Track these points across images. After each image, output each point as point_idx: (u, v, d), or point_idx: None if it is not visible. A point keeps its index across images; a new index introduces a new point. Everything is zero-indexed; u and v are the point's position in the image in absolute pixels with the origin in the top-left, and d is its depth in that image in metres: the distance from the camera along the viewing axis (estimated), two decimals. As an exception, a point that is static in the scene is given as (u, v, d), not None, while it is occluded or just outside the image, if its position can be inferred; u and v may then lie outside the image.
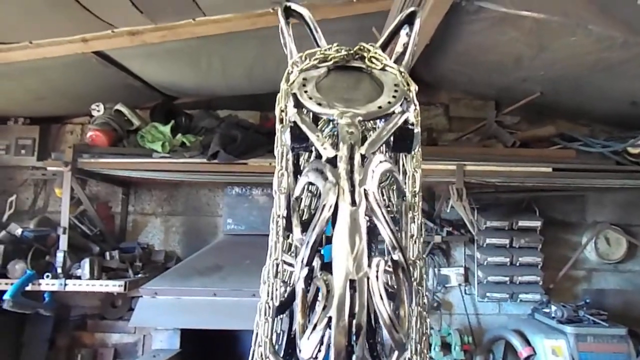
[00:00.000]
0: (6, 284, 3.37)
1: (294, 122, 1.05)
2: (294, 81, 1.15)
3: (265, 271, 1.14)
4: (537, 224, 4.03)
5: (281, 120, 1.14)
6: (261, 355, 1.25)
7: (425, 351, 1.36)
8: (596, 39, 2.89)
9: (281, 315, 1.49)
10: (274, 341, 1.29)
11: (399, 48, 1.36)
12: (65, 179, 3.53)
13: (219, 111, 4.25)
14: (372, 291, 0.66)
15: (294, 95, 1.08)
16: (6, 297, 3.24)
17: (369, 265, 0.69)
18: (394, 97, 1.08)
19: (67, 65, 3.28)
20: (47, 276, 3.39)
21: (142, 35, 3.04)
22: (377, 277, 0.68)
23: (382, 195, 1.48)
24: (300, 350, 0.73)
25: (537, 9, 2.75)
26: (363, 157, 0.87)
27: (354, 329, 0.63)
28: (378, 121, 1.12)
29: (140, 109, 4.15)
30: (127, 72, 3.61)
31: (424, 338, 1.38)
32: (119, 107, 3.75)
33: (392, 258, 0.78)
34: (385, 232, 0.78)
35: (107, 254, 3.73)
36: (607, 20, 2.74)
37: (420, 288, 1.33)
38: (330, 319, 0.64)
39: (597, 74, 3.37)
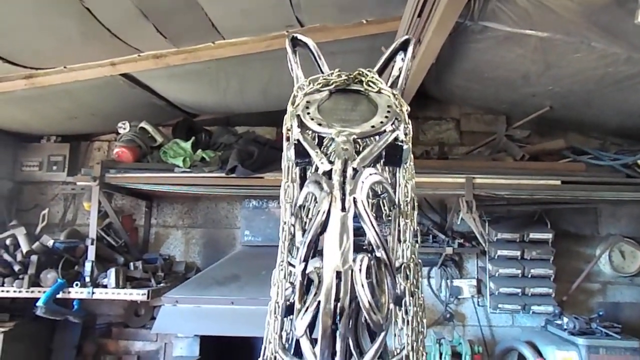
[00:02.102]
0: (39, 291, 3.59)
1: (298, 140, 1.20)
2: (298, 104, 1.31)
3: (275, 273, 1.29)
4: (549, 236, 4.07)
5: (287, 139, 1.30)
6: (271, 351, 1.39)
7: (421, 349, 1.47)
8: (600, 55, 2.97)
9: (291, 316, 1.63)
10: (283, 340, 1.42)
11: (395, 72, 1.51)
12: (94, 193, 3.76)
13: (237, 127, 4.46)
14: (355, 281, 0.79)
15: (298, 116, 1.24)
16: (39, 304, 3.46)
17: (354, 261, 0.83)
18: (386, 117, 1.22)
19: (96, 87, 3.53)
20: (77, 284, 3.59)
21: (165, 58, 3.27)
22: (360, 269, 0.81)
23: (384, 205, 1.62)
24: (295, 329, 0.87)
25: (540, 28, 2.86)
26: (355, 170, 1.02)
27: (338, 312, 0.76)
28: (372, 138, 1.26)
29: (163, 126, 4.39)
30: (151, 92, 3.86)
31: (421, 337, 1.50)
32: (143, 124, 3.99)
33: (375, 255, 0.91)
34: (370, 234, 0.92)
35: (132, 264, 3.92)
36: (609, 37, 2.83)
37: (416, 290, 1.45)
38: (319, 303, 0.78)
39: (605, 88, 3.43)
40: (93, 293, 3.58)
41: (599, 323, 3.60)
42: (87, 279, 3.63)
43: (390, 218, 1.39)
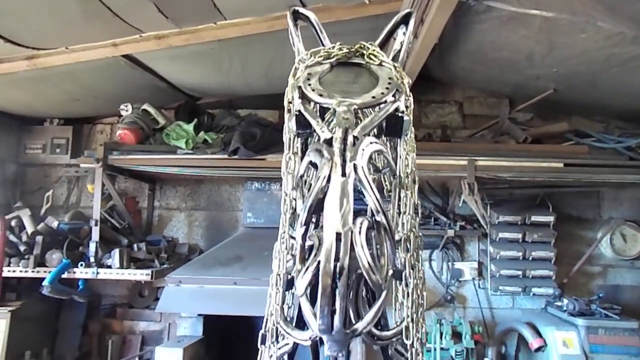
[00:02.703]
0: (45, 271, 3.64)
1: (299, 111, 1.21)
2: (300, 76, 1.31)
3: (276, 246, 1.30)
4: (550, 219, 4.08)
5: (289, 111, 1.30)
6: (273, 323, 1.41)
7: (421, 320, 1.50)
8: (606, 35, 2.94)
9: (293, 290, 1.65)
10: (285, 312, 1.45)
11: (396, 46, 1.51)
12: (97, 175, 3.78)
13: (239, 110, 4.46)
14: (354, 242, 0.80)
15: (299, 88, 1.24)
16: (45, 283, 3.51)
17: (354, 223, 0.84)
18: (387, 88, 1.23)
19: (98, 68, 3.52)
20: (81, 265, 3.64)
21: (167, 38, 3.26)
22: (359, 231, 0.83)
23: (385, 181, 1.63)
24: (295, 288, 0.88)
25: (545, 8, 2.83)
26: (355, 138, 1.02)
27: (338, 271, 0.78)
28: (373, 109, 1.26)
29: (165, 109, 4.40)
30: (153, 74, 3.85)
31: (420, 309, 1.52)
32: (145, 106, 3.99)
33: (375, 219, 0.92)
34: (370, 199, 0.93)
35: (135, 245, 3.96)
36: (616, 17, 2.80)
37: (416, 263, 1.47)
38: (319, 263, 0.79)
39: (610, 69, 3.40)
40: (98, 273, 3.63)
41: (598, 305, 3.64)
42: (92, 260, 3.68)
43: (391, 193, 1.40)
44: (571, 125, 4.14)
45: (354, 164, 0.94)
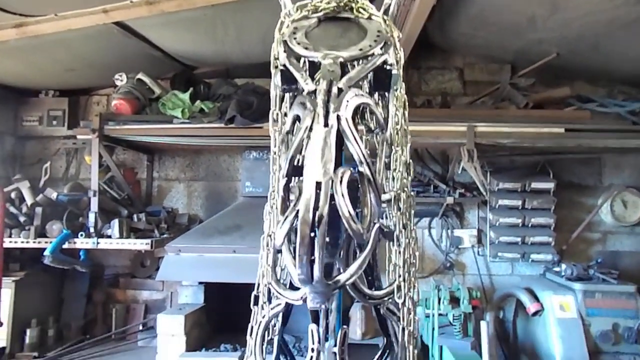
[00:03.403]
0: (46, 242, 3.68)
1: (284, 66, 1.18)
2: (285, 30, 1.27)
3: (266, 207, 1.28)
4: (550, 185, 4.06)
5: (275, 66, 1.27)
6: (265, 284, 1.41)
7: (412, 280, 1.50)
8: (610, -5, 2.85)
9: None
10: (279, 275, 1.45)
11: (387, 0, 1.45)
12: (94, 146, 3.77)
13: (236, 79, 4.39)
14: (335, 191, 0.79)
15: (285, 42, 1.21)
16: (46, 253, 3.55)
17: (335, 173, 0.82)
18: (375, 41, 1.19)
19: (91, 37, 3.45)
20: (81, 235, 3.67)
21: (159, 4, 3.16)
22: (340, 181, 0.81)
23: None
24: (274, 239, 0.88)
25: (547, -35, 2.73)
26: (340, 90, 0.99)
27: (317, 220, 0.76)
28: (361, 62, 1.22)
29: (162, 79, 4.33)
30: (147, 43, 3.76)
31: (412, 269, 1.52)
32: (140, 76, 3.94)
33: (358, 170, 0.91)
34: (353, 149, 0.91)
35: (135, 216, 3.98)
36: (620, -26, 2.71)
37: (408, 222, 1.46)
38: (298, 211, 0.78)
39: (614, 32, 3.31)
40: (98, 243, 3.66)
41: (596, 270, 3.65)
42: (92, 230, 3.70)
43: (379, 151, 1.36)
44: (574, 91, 4.06)
45: (337, 115, 0.91)
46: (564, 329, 3.34)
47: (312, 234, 0.76)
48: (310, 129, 0.89)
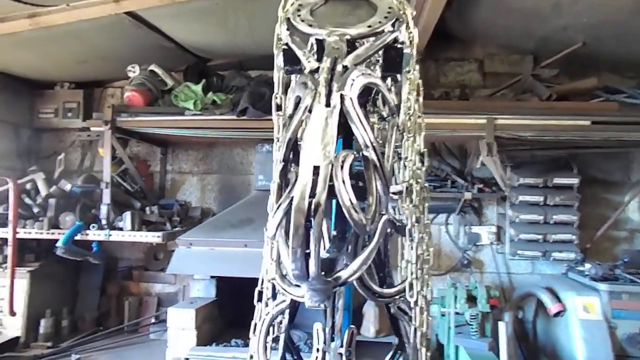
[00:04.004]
0: (59, 233, 3.68)
1: (287, 44, 1.09)
2: (289, 8, 1.19)
3: (270, 198, 1.20)
4: (574, 181, 3.88)
5: (278, 47, 1.19)
6: (268, 279, 1.33)
7: (426, 277, 1.40)
8: (641, -23, 2.68)
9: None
10: (283, 270, 1.37)
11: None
12: (106, 138, 3.75)
13: (250, 71, 4.32)
14: (335, 176, 0.70)
15: (288, 19, 1.12)
16: (59, 244, 3.55)
17: (336, 158, 0.74)
18: (385, 17, 1.10)
19: (103, 28, 3.43)
20: (94, 227, 3.66)
21: (170, -7, 3.12)
22: (341, 166, 0.72)
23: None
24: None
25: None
26: (345, 68, 0.91)
27: (312, 208, 0.68)
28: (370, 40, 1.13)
29: (175, 71, 4.29)
30: (159, 34, 3.73)
31: (426, 266, 1.42)
32: (153, 67, 3.91)
33: (363, 155, 0.82)
34: (358, 132, 0.82)
35: (147, 208, 3.96)
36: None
37: (421, 216, 1.36)
38: (292, 199, 0.70)
39: (645, 18, 3.14)
40: (110, 235, 3.65)
41: (623, 269, 3.47)
42: (104, 222, 3.69)
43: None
44: (601, 82, 3.87)
45: (341, 94, 0.83)
46: (587, 331, 3.18)
47: (308, 224, 0.68)
48: (311, 110, 0.81)
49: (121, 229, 3.70)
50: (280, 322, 1.72)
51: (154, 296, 4.45)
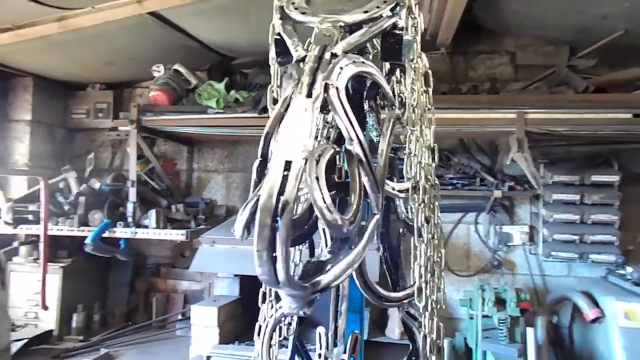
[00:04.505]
0: (88, 230, 3.78)
1: (279, 34, 1.04)
2: (285, -4, 1.13)
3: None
4: (615, 178, 3.64)
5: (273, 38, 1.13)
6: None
7: (436, 281, 1.31)
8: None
9: (300, 247, 1.51)
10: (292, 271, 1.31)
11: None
12: (132, 137, 3.82)
13: (273, 69, 4.29)
14: (307, 171, 0.64)
15: (281, 7, 1.07)
16: (87, 241, 3.65)
17: (312, 152, 0.68)
18: (384, 1, 1.02)
19: (128, 29, 3.49)
20: (120, 224, 3.73)
21: (191, -8, 3.13)
22: (317, 161, 0.66)
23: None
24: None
25: None
26: (334, 55, 0.84)
27: (280, 207, 0.62)
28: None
29: (200, 70, 4.33)
30: (184, 34, 3.76)
31: (437, 269, 1.34)
32: (177, 67, 3.95)
33: (345, 149, 0.75)
34: (342, 124, 0.76)
35: (173, 206, 4.01)
36: None
37: (431, 215, 1.28)
38: (259, 197, 0.64)
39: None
40: (136, 233, 3.71)
41: (669, 274, 3.22)
42: (130, 220, 3.76)
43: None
44: (644, 72, 3.61)
45: (326, 83, 0.76)
46: (628, 340, 2.97)
47: (274, 224, 0.62)
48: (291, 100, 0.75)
49: (147, 227, 3.76)
50: (289, 324, 1.67)
51: (180, 293, 4.52)
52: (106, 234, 3.76)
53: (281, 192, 0.63)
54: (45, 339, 3.95)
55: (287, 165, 0.65)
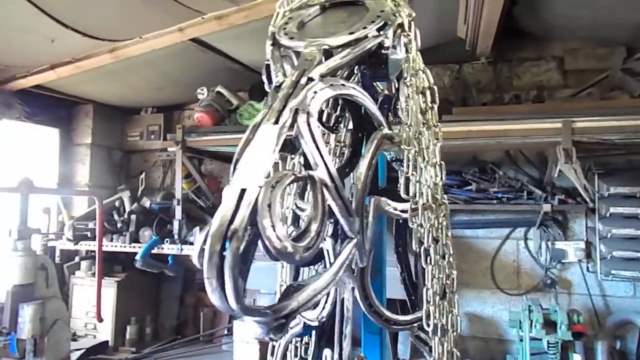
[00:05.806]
0: (139, 247, 4.00)
1: (268, 60, 1.07)
2: (279, 22, 1.16)
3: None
4: (682, 189, 3.32)
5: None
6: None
7: (446, 305, 1.26)
8: None
9: (315, 267, 1.51)
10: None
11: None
12: (177, 157, 4.01)
13: (313, 87, 4.36)
14: (259, 199, 0.64)
15: (272, 34, 1.10)
16: (137, 257, 3.85)
17: (269, 179, 0.68)
18: (372, 22, 1.02)
19: (173, 55, 3.69)
20: (167, 241, 3.91)
21: (227, 17, 3.27)
22: (272, 188, 0.66)
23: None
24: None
25: None
26: (310, 80, 0.85)
27: (229, 235, 0.63)
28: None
29: (243, 91, 4.48)
30: (225, 57, 3.92)
31: (448, 292, 1.28)
32: (219, 89, 4.11)
33: (309, 174, 0.74)
34: (307, 149, 0.75)
35: (217, 223, 4.14)
36: None
37: (440, 235, 1.24)
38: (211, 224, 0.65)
39: None
40: (182, 249, 3.87)
41: None
42: (176, 237, 3.93)
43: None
44: None
45: (296, 109, 0.77)
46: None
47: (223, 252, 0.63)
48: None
49: (192, 244, 3.91)
50: (307, 344, 1.67)
51: (226, 308, 4.62)
52: (155, 250, 3.95)
53: (232, 220, 0.64)
54: (102, 349, 4.19)
55: (242, 193, 0.66)
